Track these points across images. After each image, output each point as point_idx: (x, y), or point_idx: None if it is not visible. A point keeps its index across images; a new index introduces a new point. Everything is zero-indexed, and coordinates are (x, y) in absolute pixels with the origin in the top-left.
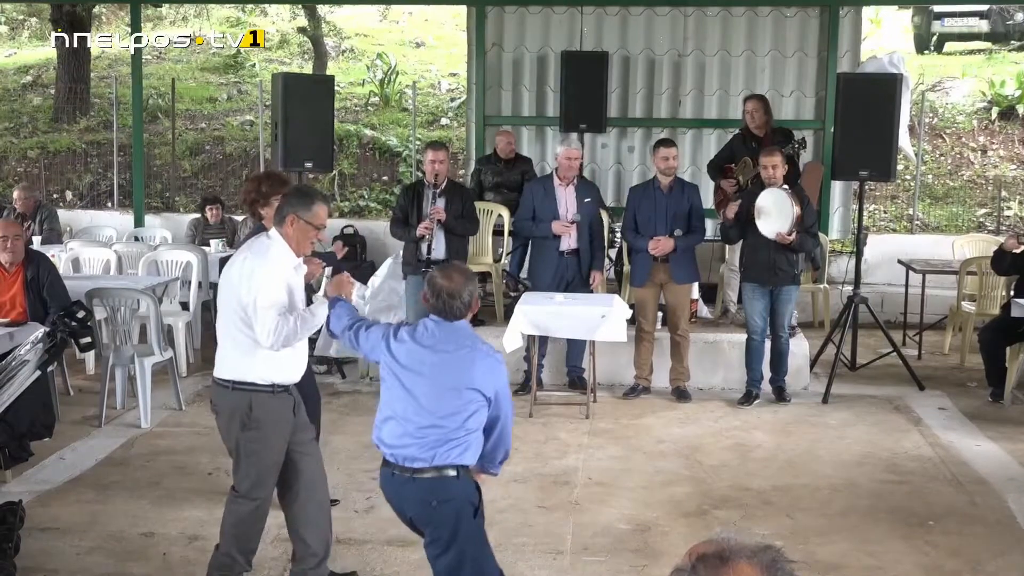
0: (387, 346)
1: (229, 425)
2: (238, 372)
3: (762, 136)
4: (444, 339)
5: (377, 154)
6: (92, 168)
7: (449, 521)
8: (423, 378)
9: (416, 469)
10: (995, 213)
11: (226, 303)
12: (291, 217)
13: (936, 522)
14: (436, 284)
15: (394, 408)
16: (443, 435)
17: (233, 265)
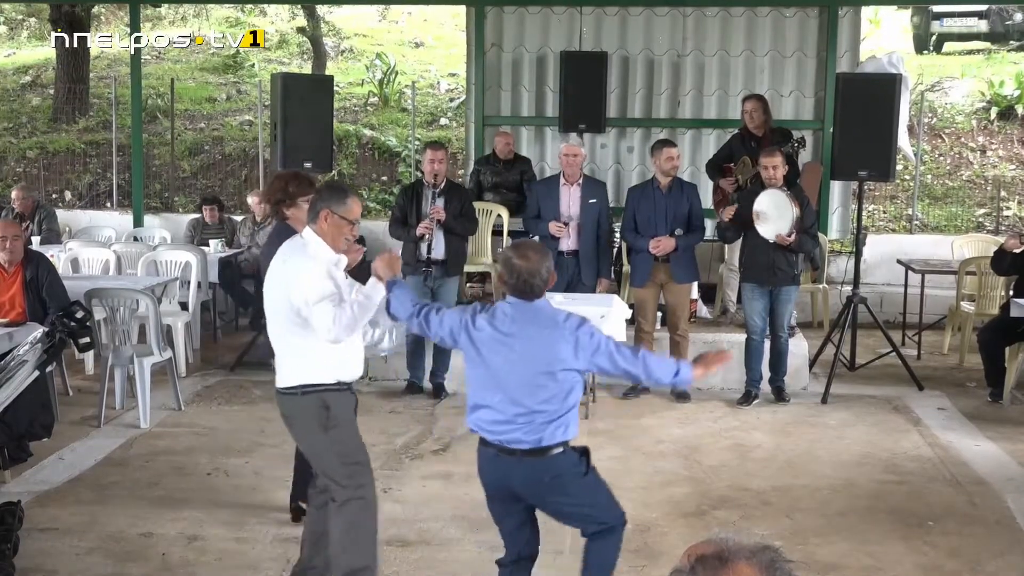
0: (468, 335)
1: (307, 431)
2: (304, 376)
3: (761, 136)
4: (525, 323)
5: (376, 154)
6: (91, 168)
7: (564, 488)
8: (511, 366)
9: (524, 451)
10: (994, 213)
11: (277, 311)
12: (325, 212)
13: (935, 522)
14: (514, 265)
15: (485, 397)
16: (546, 418)
17: (274, 272)
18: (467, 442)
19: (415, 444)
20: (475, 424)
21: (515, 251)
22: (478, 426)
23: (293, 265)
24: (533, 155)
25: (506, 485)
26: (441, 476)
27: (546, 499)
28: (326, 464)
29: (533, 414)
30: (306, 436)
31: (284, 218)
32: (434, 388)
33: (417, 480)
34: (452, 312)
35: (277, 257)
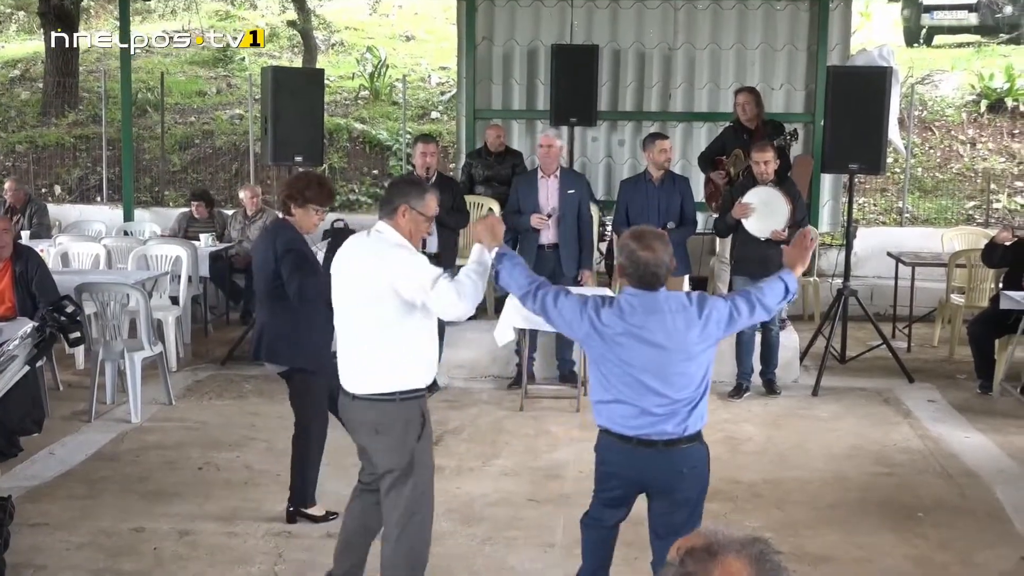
0: (593, 330)
1: (403, 440)
2: (401, 380)
3: (753, 128)
4: (655, 312)
5: (367, 148)
6: (81, 162)
7: (697, 484)
8: (649, 359)
9: (667, 441)
10: (984, 206)
11: (362, 311)
12: (404, 207)
13: (925, 514)
14: (639, 257)
15: (622, 392)
16: (689, 405)
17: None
18: (458, 436)
19: None
20: (608, 420)
21: (638, 242)
22: (613, 422)
23: (392, 258)
24: (524, 148)
25: (639, 480)
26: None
27: (675, 494)
28: (407, 477)
29: (676, 403)
30: (399, 447)
31: (288, 213)
32: None
33: None
34: (570, 301)
35: (357, 254)
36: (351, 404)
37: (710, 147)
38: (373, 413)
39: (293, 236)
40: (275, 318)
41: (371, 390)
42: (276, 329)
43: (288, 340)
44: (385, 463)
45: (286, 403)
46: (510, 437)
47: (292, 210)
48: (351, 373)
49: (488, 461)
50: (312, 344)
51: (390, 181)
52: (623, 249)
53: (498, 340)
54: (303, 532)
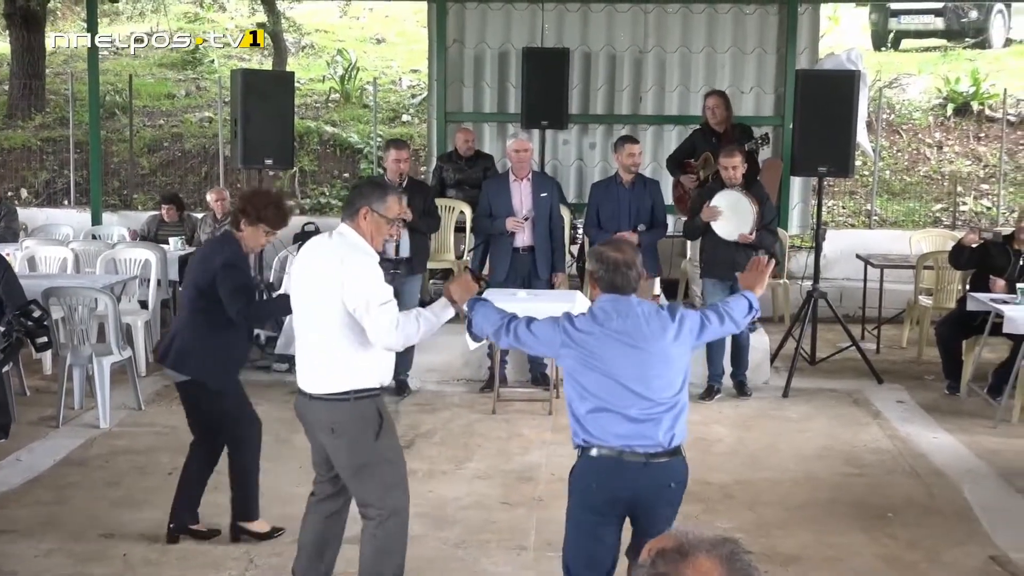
0: (570, 338)
1: (359, 440)
2: (356, 380)
3: (722, 132)
4: (631, 316)
5: (338, 151)
6: (48, 165)
7: (677, 497)
8: (631, 362)
9: (652, 454)
10: (951, 208)
11: (319, 311)
12: (365, 210)
13: (895, 514)
14: (610, 258)
15: (603, 400)
16: (672, 409)
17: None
18: (430, 439)
19: None
20: (595, 433)
21: (607, 246)
22: (596, 435)
23: (353, 264)
24: (496, 151)
25: (621, 497)
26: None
27: (657, 511)
28: (371, 477)
29: (658, 407)
30: (356, 446)
31: (237, 228)
32: (397, 385)
33: None
34: (543, 321)
35: (319, 254)
36: (308, 404)
37: (679, 149)
38: (328, 413)
39: (236, 252)
40: (195, 329)
41: (326, 390)
42: (192, 340)
43: (201, 353)
44: (343, 461)
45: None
46: (482, 440)
47: (242, 225)
48: (307, 373)
49: (460, 464)
50: (225, 363)
51: (358, 183)
52: (593, 256)
53: (470, 343)
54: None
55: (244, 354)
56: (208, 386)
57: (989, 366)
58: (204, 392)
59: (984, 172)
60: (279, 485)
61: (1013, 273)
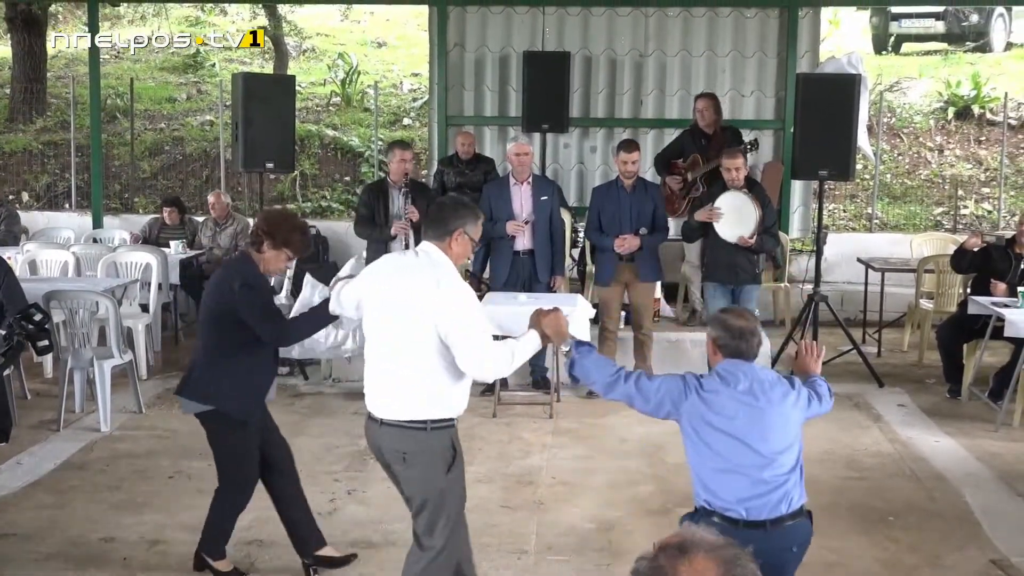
0: (699, 396)
1: (429, 471)
2: (435, 409)
3: (712, 134)
4: (756, 380)
5: (339, 154)
6: (49, 169)
7: (797, 562)
8: (757, 427)
9: (774, 519)
10: (952, 212)
11: (405, 334)
12: (459, 232)
13: (896, 517)
14: (735, 326)
15: (730, 460)
16: (795, 471)
17: (413, 293)
18: None
19: None
20: (720, 494)
21: (729, 314)
22: (724, 497)
23: (451, 287)
24: (496, 155)
25: None
26: None
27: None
28: (435, 511)
29: (783, 469)
30: (425, 476)
31: (259, 250)
32: None
33: (381, 482)
34: (665, 378)
35: (407, 274)
36: (379, 430)
37: (666, 150)
38: (401, 440)
39: (255, 272)
40: (213, 357)
41: (401, 416)
42: (211, 368)
43: (217, 381)
44: (410, 492)
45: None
46: (483, 443)
47: (265, 248)
48: (380, 397)
49: None
50: (248, 389)
51: (441, 201)
52: (717, 323)
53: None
54: (275, 541)
55: (268, 380)
56: (231, 417)
57: (990, 370)
58: (227, 423)
59: (985, 176)
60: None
61: (1014, 277)
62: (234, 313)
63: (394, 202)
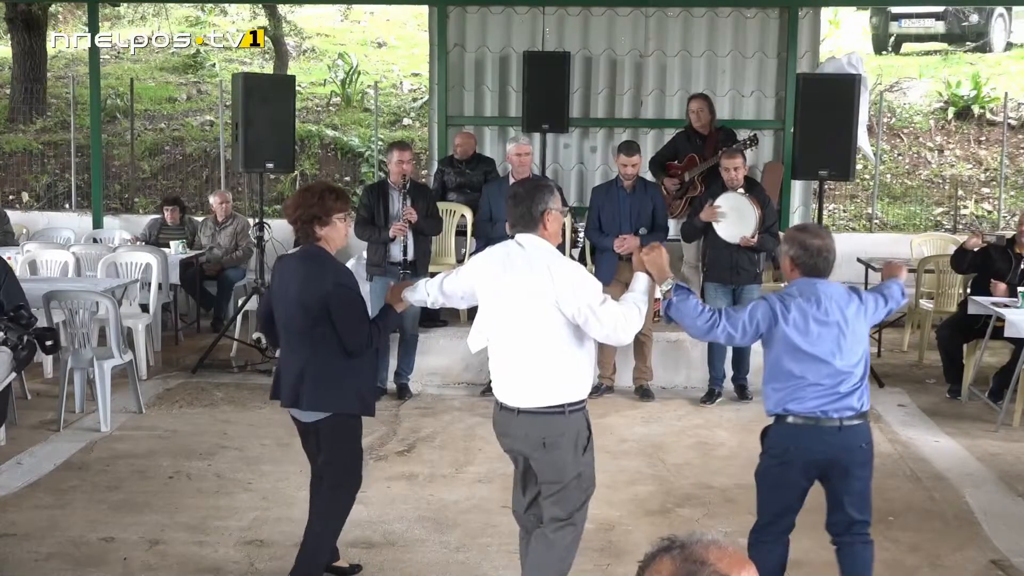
0: (784, 321)
1: (567, 454)
2: (570, 392)
3: (707, 135)
4: (829, 296)
5: (339, 154)
6: (49, 169)
7: (868, 459)
8: (836, 340)
9: (846, 419)
10: (952, 212)
11: (531, 324)
12: (547, 212)
13: (896, 518)
14: (812, 245)
15: (805, 372)
16: (864, 378)
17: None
18: (431, 443)
19: (379, 445)
20: (797, 404)
21: (805, 232)
22: (798, 404)
23: (563, 269)
24: (497, 155)
25: (818, 459)
26: (405, 477)
27: (852, 471)
28: (573, 491)
29: (856, 380)
30: (565, 459)
31: (315, 239)
32: (398, 389)
33: (382, 481)
34: (753, 308)
35: (516, 268)
36: (515, 419)
37: (661, 152)
38: (542, 427)
39: (340, 266)
40: (323, 357)
41: (539, 403)
42: (324, 370)
43: (336, 382)
44: (550, 476)
45: (257, 411)
46: (483, 444)
47: (319, 231)
48: (514, 387)
49: (461, 468)
50: (362, 383)
51: (514, 193)
52: (794, 242)
53: (471, 347)
54: (275, 541)
55: (376, 371)
56: (349, 417)
57: (990, 370)
58: (345, 425)
59: (985, 176)
60: (281, 488)
61: (1014, 277)
62: (328, 310)
63: (394, 203)
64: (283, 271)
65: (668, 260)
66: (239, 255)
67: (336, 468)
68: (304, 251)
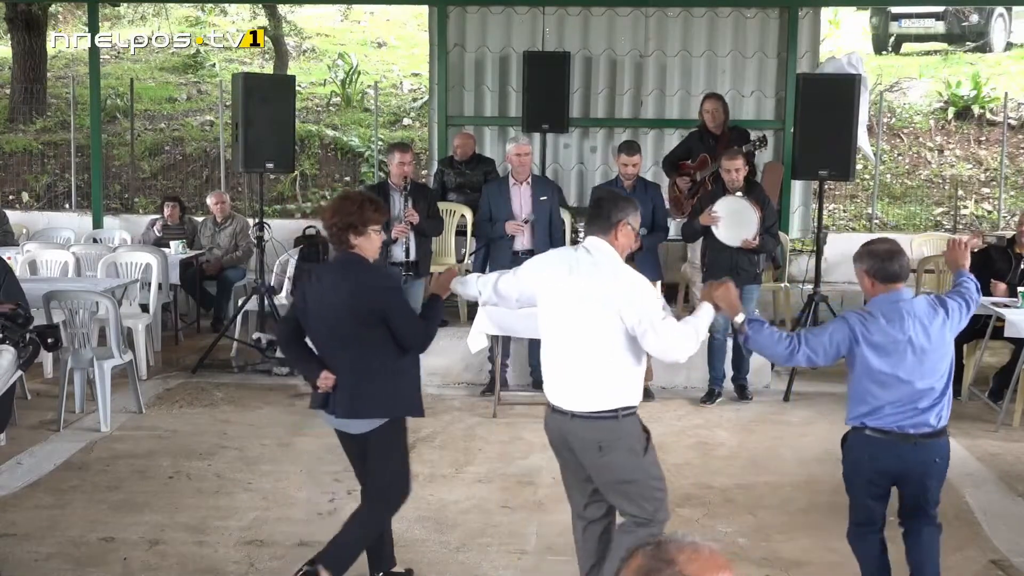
0: (864, 341)
1: (627, 456)
2: (624, 397)
3: (720, 134)
4: (909, 314)
5: (339, 154)
6: (49, 169)
7: (942, 472)
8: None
9: (922, 435)
10: (952, 212)
11: (589, 328)
12: (623, 223)
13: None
14: (879, 250)
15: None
16: (945, 394)
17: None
18: (431, 443)
19: None
20: (874, 419)
21: (871, 243)
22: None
23: (628, 278)
24: (497, 155)
25: (891, 471)
26: None
27: (925, 482)
28: (639, 493)
29: (933, 393)
30: (626, 463)
31: (349, 247)
32: None
33: None
34: (833, 329)
35: (579, 270)
36: (569, 423)
37: (675, 151)
38: (596, 431)
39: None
40: (372, 364)
41: (594, 408)
42: (374, 377)
43: (388, 386)
44: (608, 479)
45: (257, 411)
46: (483, 444)
47: (353, 240)
48: (568, 391)
49: (461, 468)
50: (413, 385)
51: (599, 195)
52: (861, 257)
53: (471, 347)
54: (275, 541)
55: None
56: (399, 423)
57: (990, 370)
58: (401, 427)
59: (985, 176)
60: (281, 488)
61: (1014, 277)
62: (375, 317)
63: (395, 204)
64: (320, 281)
65: (737, 295)
66: (239, 255)
67: (381, 478)
68: (343, 259)
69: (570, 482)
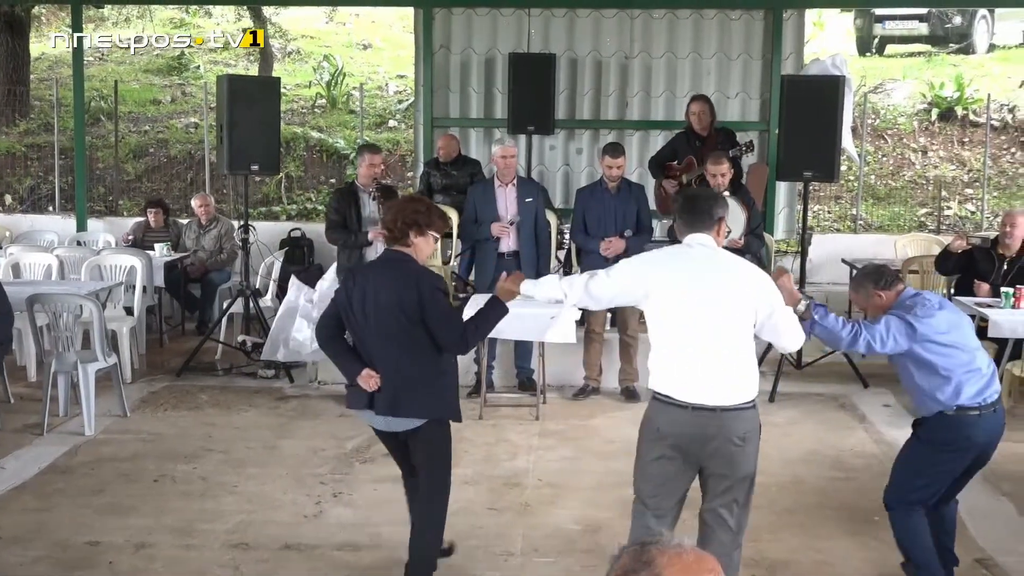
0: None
1: (755, 447)
2: (755, 388)
3: (706, 136)
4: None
5: (324, 156)
6: (32, 171)
7: None
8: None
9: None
10: (935, 213)
11: (731, 322)
12: (723, 221)
13: (881, 517)
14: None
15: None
16: None
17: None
18: None
19: (366, 448)
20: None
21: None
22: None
23: (757, 272)
24: (482, 157)
25: (985, 441)
26: (392, 479)
27: (990, 453)
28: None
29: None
30: (752, 454)
31: (406, 244)
32: None
33: (368, 484)
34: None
35: (707, 267)
36: (714, 417)
37: (660, 152)
38: (742, 422)
39: (431, 273)
40: (420, 363)
41: (739, 400)
42: (423, 376)
43: (437, 389)
44: (741, 472)
45: (242, 413)
46: (469, 445)
47: (412, 238)
48: (719, 385)
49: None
50: (452, 388)
51: (694, 193)
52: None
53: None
54: (260, 544)
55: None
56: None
57: None
58: (445, 427)
59: (968, 177)
60: (267, 491)
61: (997, 278)
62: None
63: (365, 206)
64: (367, 279)
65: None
66: (223, 258)
67: (436, 472)
68: (390, 258)
69: (670, 488)
